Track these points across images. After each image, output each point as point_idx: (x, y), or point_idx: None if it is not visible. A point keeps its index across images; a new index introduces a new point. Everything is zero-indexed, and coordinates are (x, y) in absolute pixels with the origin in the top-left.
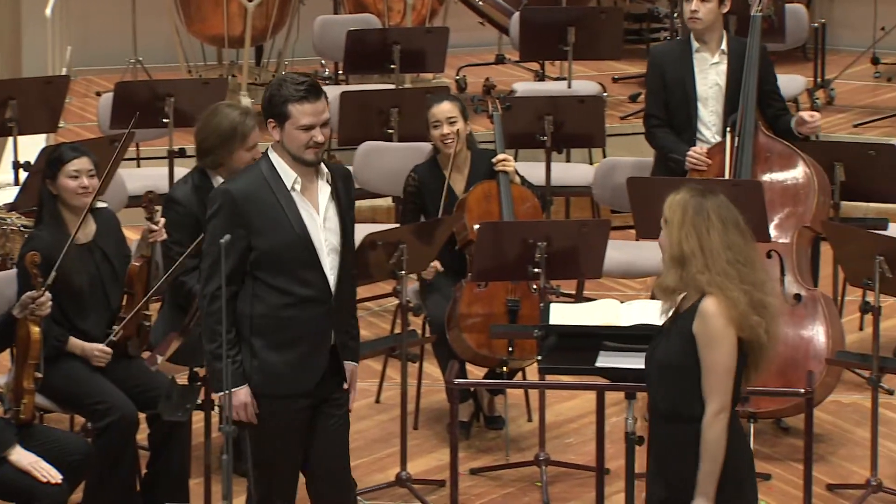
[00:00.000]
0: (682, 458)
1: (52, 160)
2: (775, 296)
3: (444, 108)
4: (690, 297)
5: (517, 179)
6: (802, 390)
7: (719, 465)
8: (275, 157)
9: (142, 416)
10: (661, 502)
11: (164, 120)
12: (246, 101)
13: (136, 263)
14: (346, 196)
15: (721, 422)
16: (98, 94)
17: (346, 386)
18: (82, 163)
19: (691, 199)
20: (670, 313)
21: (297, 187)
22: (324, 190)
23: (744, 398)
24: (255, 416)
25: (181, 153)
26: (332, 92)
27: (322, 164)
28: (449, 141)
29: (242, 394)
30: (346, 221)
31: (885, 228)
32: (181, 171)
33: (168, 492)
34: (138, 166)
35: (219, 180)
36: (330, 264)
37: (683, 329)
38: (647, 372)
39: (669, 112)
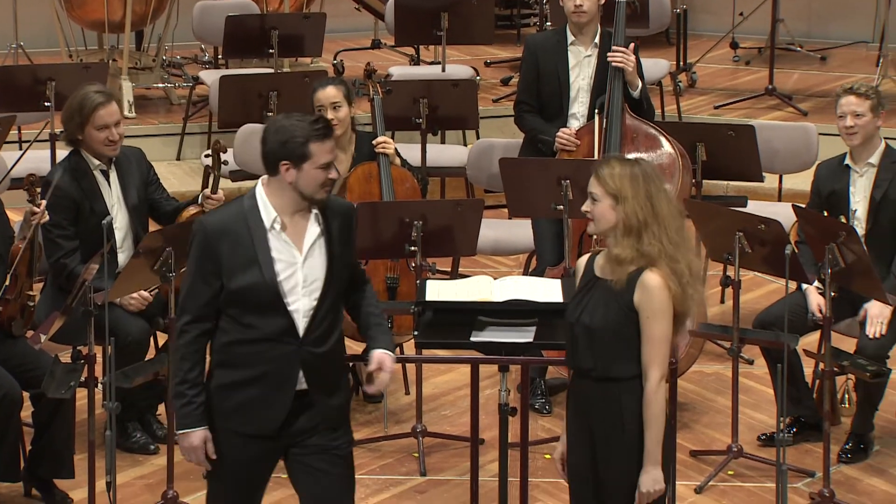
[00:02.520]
0: (607, 416)
1: None
2: (699, 264)
3: (329, 94)
4: (627, 266)
5: (398, 161)
6: None
7: (663, 429)
8: (260, 194)
9: (26, 394)
10: (586, 462)
11: (46, 104)
12: (127, 85)
13: (20, 245)
14: (341, 233)
15: (663, 389)
16: None
17: (371, 368)
18: None
19: (634, 168)
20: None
21: (277, 226)
22: (313, 227)
23: None
24: (208, 461)
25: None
26: (212, 76)
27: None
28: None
29: (194, 437)
30: (335, 259)
31: (744, 205)
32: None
33: (52, 468)
34: (20, 149)
35: (93, 161)
36: (304, 305)
37: (622, 298)
38: (571, 334)
39: (541, 101)
